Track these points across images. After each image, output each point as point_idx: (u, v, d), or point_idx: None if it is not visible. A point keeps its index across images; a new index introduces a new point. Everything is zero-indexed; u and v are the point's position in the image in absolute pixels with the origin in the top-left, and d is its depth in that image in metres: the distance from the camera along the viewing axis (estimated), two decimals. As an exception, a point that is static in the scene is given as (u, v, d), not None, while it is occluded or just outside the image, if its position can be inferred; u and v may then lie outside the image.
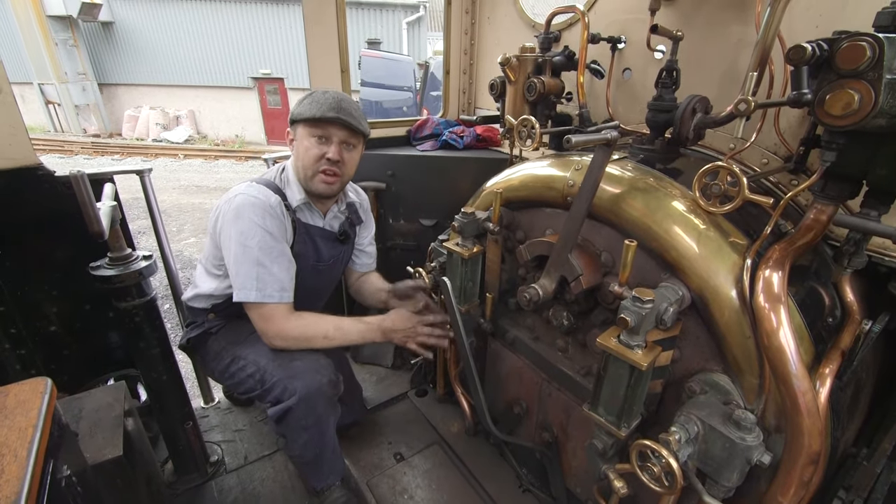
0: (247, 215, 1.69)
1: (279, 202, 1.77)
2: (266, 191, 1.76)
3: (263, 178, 1.87)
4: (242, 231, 1.69)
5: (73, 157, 14.01)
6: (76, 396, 1.77)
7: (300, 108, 1.75)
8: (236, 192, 1.74)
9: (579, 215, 1.36)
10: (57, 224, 1.99)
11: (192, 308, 1.98)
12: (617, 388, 1.24)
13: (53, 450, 1.16)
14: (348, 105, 1.76)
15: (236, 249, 1.70)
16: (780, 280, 1.10)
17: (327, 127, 1.74)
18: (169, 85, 17.53)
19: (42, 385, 1.22)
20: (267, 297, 1.71)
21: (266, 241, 1.70)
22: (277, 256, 1.74)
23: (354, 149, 1.85)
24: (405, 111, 8.95)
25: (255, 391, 1.79)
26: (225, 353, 1.87)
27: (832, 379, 1.11)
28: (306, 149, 1.76)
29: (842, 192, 1.17)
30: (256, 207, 1.70)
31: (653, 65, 1.88)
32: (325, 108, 1.70)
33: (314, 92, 1.78)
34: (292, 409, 1.71)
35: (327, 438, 1.87)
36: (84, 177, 1.37)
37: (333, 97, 1.74)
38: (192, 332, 1.95)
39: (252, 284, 1.70)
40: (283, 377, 1.73)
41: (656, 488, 1.16)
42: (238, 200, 1.71)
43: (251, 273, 1.69)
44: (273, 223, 1.73)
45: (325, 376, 1.76)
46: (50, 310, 2.15)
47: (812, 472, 1.05)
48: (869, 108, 0.97)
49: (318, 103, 1.72)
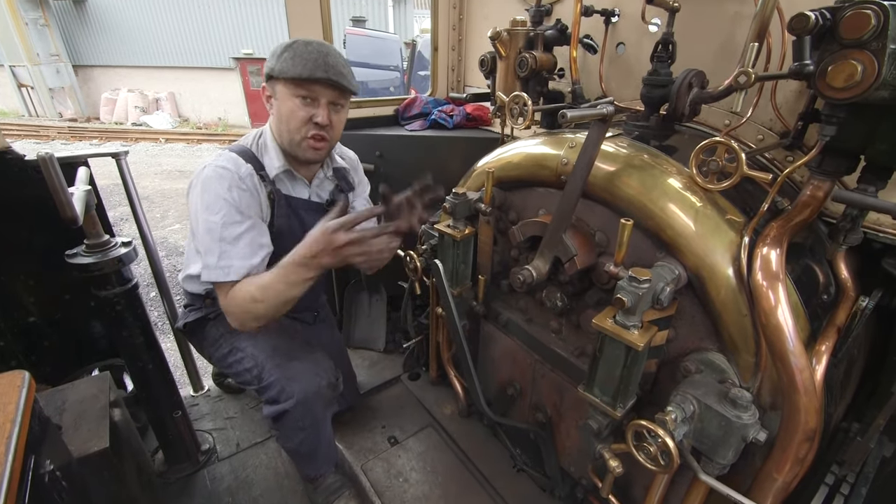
0: (213, 188, 1.54)
1: (250, 172, 1.61)
2: (237, 160, 1.60)
3: (237, 144, 1.70)
4: (208, 205, 1.53)
5: (49, 142, 13.53)
6: (59, 388, 1.72)
7: (281, 63, 1.54)
8: (205, 164, 1.59)
9: (574, 194, 1.33)
10: (30, 211, 1.91)
11: (189, 292, 1.88)
12: (613, 369, 1.23)
13: (34, 444, 1.13)
14: (335, 60, 1.57)
15: (201, 225, 1.55)
16: (779, 258, 1.08)
17: (314, 87, 1.56)
18: (147, 66, 16.91)
19: (19, 378, 1.17)
20: (230, 276, 1.53)
21: (231, 215, 1.54)
22: (244, 232, 1.56)
23: (342, 109, 1.68)
24: (392, 91, 8.77)
25: (251, 385, 1.74)
26: (223, 342, 1.80)
27: (828, 356, 1.11)
28: (291, 111, 1.59)
29: (839, 167, 1.15)
30: (223, 179, 1.55)
31: (647, 38, 1.83)
32: (312, 66, 1.52)
33: (294, 42, 1.57)
34: (289, 412, 1.66)
35: (323, 435, 1.85)
36: (53, 159, 1.30)
37: (318, 51, 1.55)
38: (190, 315, 1.87)
39: (213, 262, 1.53)
40: (281, 377, 1.67)
41: (652, 468, 1.16)
42: (206, 172, 1.57)
43: (213, 249, 1.53)
44: (241, 196, 1.57)
45: (325, 378, 1.71)
46: (28, 300, 2.08)
47: (808, 448, 1.05)
48: (872, 80, 0.94)
49: (303, 59, 1.52)
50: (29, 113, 16.29)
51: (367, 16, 14.02)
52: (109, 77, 17.21)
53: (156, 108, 16.76)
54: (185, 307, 1.93)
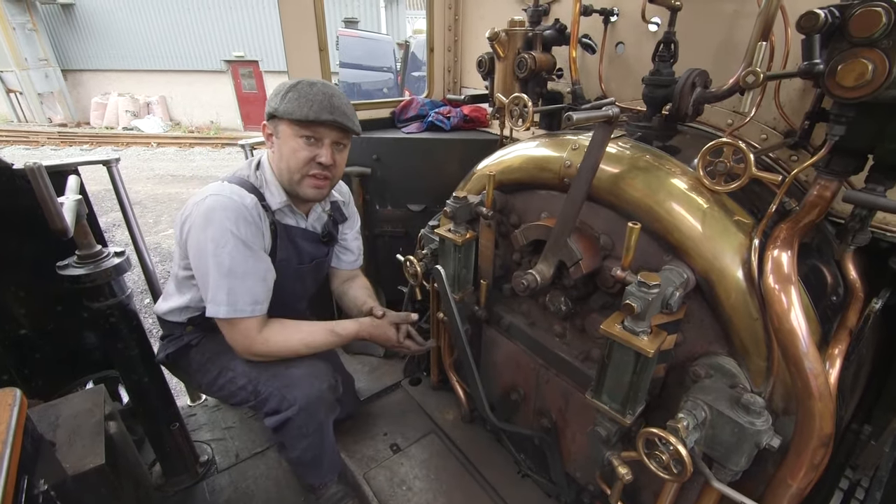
0: (218, 220, 1.51)
1: (255, 203, 1.59)
2: (240, 191, 1.58)
3: (237, 175, 1.68)
4: (213, 238, 1.51)
5: (39, 148, 13.38)
6: (52, 403, 1.68)
7: (286, 104, 1.54)
8: (206, 194, 1.55)
9: (579, 197, 1.31)
10: (20, 221, 1.86)
11: (167, 322, 1.82)
12: (622, 376, 1.20)
13: (27, 464, 1.09)
14: (340, 102, 1.58)
15: (206, 260, 1.53)
16: (790, 260, 1.06)
17: (319, 128, 1.57)
18: (137, 70, 16.79)
19: (10, 397, 1.13)
20: (238, 311, 1.56)
21: (239, 249, 1.53)
22: (252, 267, 1.57)
23: (345, 149, 1.70)
24: (385, 93, 8.73)
25: (248, 402, 1.70)
26: (211, 365, 1.75)
27: (842, 360, 1.09)
28: (294, 150, 1.58)
29: (846, 167, 1.14)
30: (229, 211, 1.52)
31: (647, 38, 1.81)
32: (318, 109, 1.53)
33: (298, 83, 1.57)
34: (292, 420, 1.64)
35: (327, 441, 1.82)
36: (42, 169, 1.26)
37: (323, 93, 1.55)
38: (170, 346, 1.81)
39: (223, 298, 1.54)
40: (280, 387, 1.64)
41: (665, 476, 1.14)
42: (208, 203, 1.53)
43: (221, 285, 1.53)
44: (247, 229, 1.56)
45: (325, 382, 1.70)
46: (19, 312, 2.03)
47: (823, 454, 1.03)
48: (883, 79, 0.93)
49: (308, 101, 1.53)
50: (18, 118, 16.13)
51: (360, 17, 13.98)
52: (99, 81, 17.06)
53: (147, 113, 16.63)
54: (163, 339, 1.86)
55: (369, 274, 2.91)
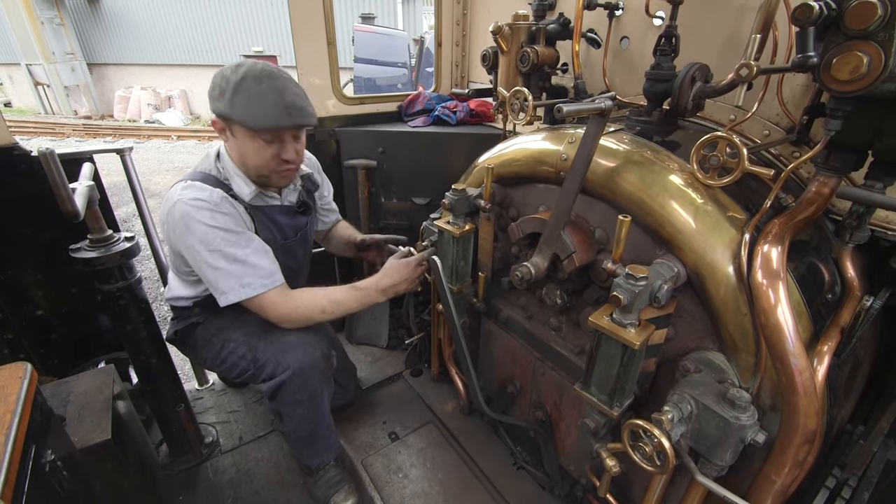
0: (195, 223, 1.54)
1: (222, 196, 1.61)
2: (205, 189, 1.59)
3: (198, 172, 1.68)
4: (200, 240, 1.56)
5: (64, 139, 13.77)
6: (64, 381, 1.76)
7: (237, 110, 1.48)
8: (174, 200, 1.56)
9: (572, 190, 1.31)
10: (37, 206, 1.93)
11: (175, 307, 1.90)
12: (609, 368, 1.21)
13: (35, 435, 1.14)
14: (293, 98, 1.52)
15: (204, 258, 1.58)
16: (780, 255, 1.06)
17: (279, 131, 1.57)
18: (159, 64, 17.12)
19: (21, 370, 1.19)
20: (256, 289, 1.62)
21: (228, 239, 1.58)
22: (247, 244, 1.62)
23: (303, 133, 1.70)
24: (400, 88, 8.74)
25: (248, 371, 1.76)
26: (214, 339, 1.82)
27: (830, 357, 1.08)
28: (255, 151, 1.58)
29: (846, 163, 1.12)
30: (202, 211, 1.55)
31: (651, 32, 1.79)
32: (276, 116, 1.49)
33: (243, 80, 1.46)
34: (286, 383, 1.69)
35: (321, 414, 1.86)
36: (53, 154, 1.31)
37: (275, 91, 1.48)
38: (178, 324, 1.90)
39: (235, 284, 1.60)
40: (276, 352, 1.70)
41: (648, 468, 1.14)
42: (179, 210, 1.55)
43: (231, 272, 1.59)
44: (226, 219, 1.59)
45: (318, 349, 1.75)
46: (36, 293, 2.12)
47: (807, 451, 1.03)
48: (878, 72, 0.91)
49: (261, 105, 1.47)
50: (45, 111, 16.60)
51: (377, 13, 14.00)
52: (122, 75, 17.46)
53: (168, 106, 16.96)
54: (173, 319, 1.95)
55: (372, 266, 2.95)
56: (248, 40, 16.27)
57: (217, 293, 1.64)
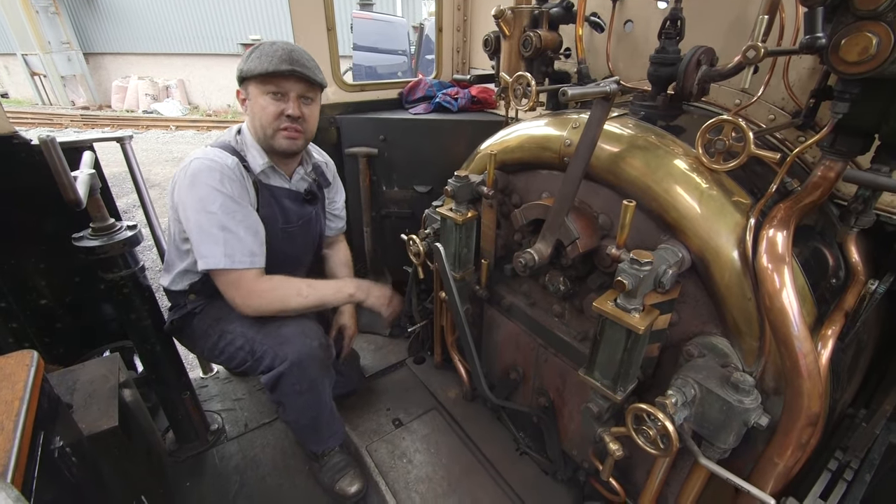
0: (203, 180, 1.60)
1: (237, 163, 1.69)
2: (222, 153, 1.67)
3: (219, 140, 1.77)
4: (201, 197, 1.60)
5: (62, 130, 13.70)
6: (70, 369, 1.76)
7: (248, 63, 1.64)
8: (191, 158, 1.65)
9: (576, 175, 1.31)
10: (39, 195, 1.92)
11: (172, 292, 1.91)
12: (613, 353, 1.21)
13: (44, 421, 1.15)
14: (300, 56, 1.65)
15: (197, 217, 1.61)
16: (785, 240, 1.05)
17: (282, 82, 1.65)
18: (157, 53, 16.94)
19: (28, 358, 1.20)
20: (237, 262, 1.63)
21: (228, 204, 1.62)
22: (243, 219, 1.65)
23: (313, 102, 1.77)
24: (400, 76, 8.66)
25: (246, 363, 1.77)
26: (212, 331, 1.83)
27: (834, 341, 1.09)
28: (262, 107, 1.67)
29: (852, 147, 1.11)
30: (213, 171, 1.61)
31: (656, 16, 1.77)
32: (277, 61, 1.60)
33: (261, 44, 1.66)
34: (284, 375, 1.70)
35: (324, 402, 1.87)
36: (55, 142, 1.31)
37: (283, 48, 1.63)
38: (175, 314, 1.91)
39: (219, 251, 1.61)
40: (273, 345, 1.71)
41: (652, 451, 1.15)
42: (193, 166, 1.62)
43: (217, 238, 1.60)
44: (232, 186, 1.64)
45: (316, 339, 1.75)
46: (40, 283, 2.13)
47: (810, 434, 1.04)
48: (888, 53, 0.90)
49: (268, 56, 1.61)
50: (42, 101, 16.47)
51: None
52: (119, 65, 17.29)
53: (166, 96, 16.83)
54: (170, 309, 1.96)
55: (375, 254, 2.95)
56: (245, 28, 16.09)
57: (198, 255, 1.64)
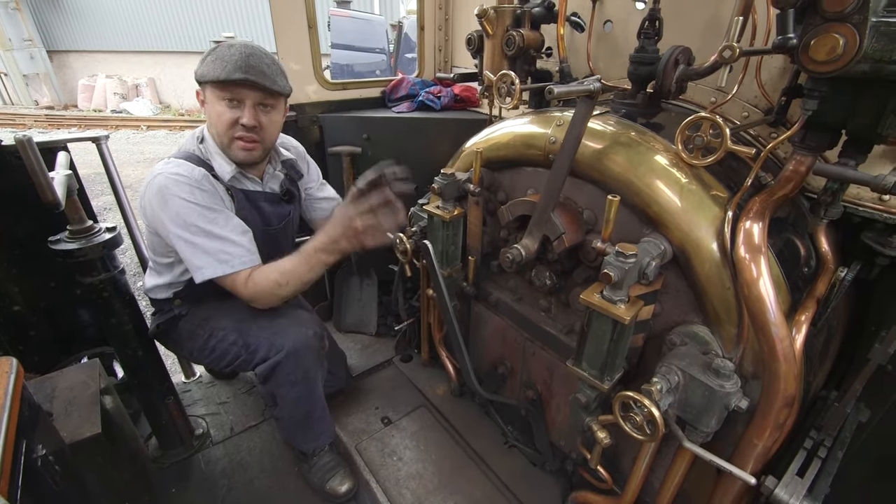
0: (174, 194, 1.54)
1: (204, 175, 1.62)
2: (188, 165, 1.61)
3: (182, 151, 1.70)
4: (178, 213, 1.55)
5: (26, 130, 13.15)
6: (48, 376, 1.71)
7: (203, 67, 1.56)
8: (154, 174, 1.58)
9: (562, 172, 1.34)
10: (10, 197, 1.86)
11: (155, 299, 1.87)
12: (600, 343, 1.25)
13: (25, 429, 1.12)
14: (258, 61, 1.56)
15: (179, 232, 1.56)
16: (761, 231, 1.11)
17: (237, 89, 1.56)
18: (125, 51, 16.39)
19: (7, 364, 1.16)
20: (234, 266, 1.61)
21: (205, 215, 1.58)
22: (225, 223, 1.62)
23: (274, 109, 1.68)
24: (378, 75, 8.61)
25: (240, 357, 1.75)
26: (200, 331, 1.80)
27: (808, 326, 1.15)
28: (218, 114, 1.60)
29: (821, 142, 1.17)
30: (181, 185, 1.55)
31: (634, 16, 1.82)
32: (231, 68, 1.51)
33: (219, 46, 1.57)
34: (281, 364, 1.69)
35: (317, 396, 1.87)
36: (31, 142, 1.27)
37: (240, 52, 1.54)
38: (160, 318, 1.86)
39: (212, 260, 1.58)
40: (268, 335, 1.71)
41: (638, 436, 1.19)
42: (158, 182, 1.55)
43: (206, 248, 1.57)
44: (204, 196, 1.59)
45: (311, 329, 1.75)
46: (12, 289, 2.05)
47: (787, 414, 1.09)
48: (853, 53, 0.95)
49: (223, 61, 1.52)
50: (3, 101, 15.76)
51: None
52: (86, 62, 16.67)
53: (136, 95, 16.30)
54: (154, 314, 1.92)
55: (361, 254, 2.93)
56: (218, 26, 15.71)
57: (193, 269, 1.61)
